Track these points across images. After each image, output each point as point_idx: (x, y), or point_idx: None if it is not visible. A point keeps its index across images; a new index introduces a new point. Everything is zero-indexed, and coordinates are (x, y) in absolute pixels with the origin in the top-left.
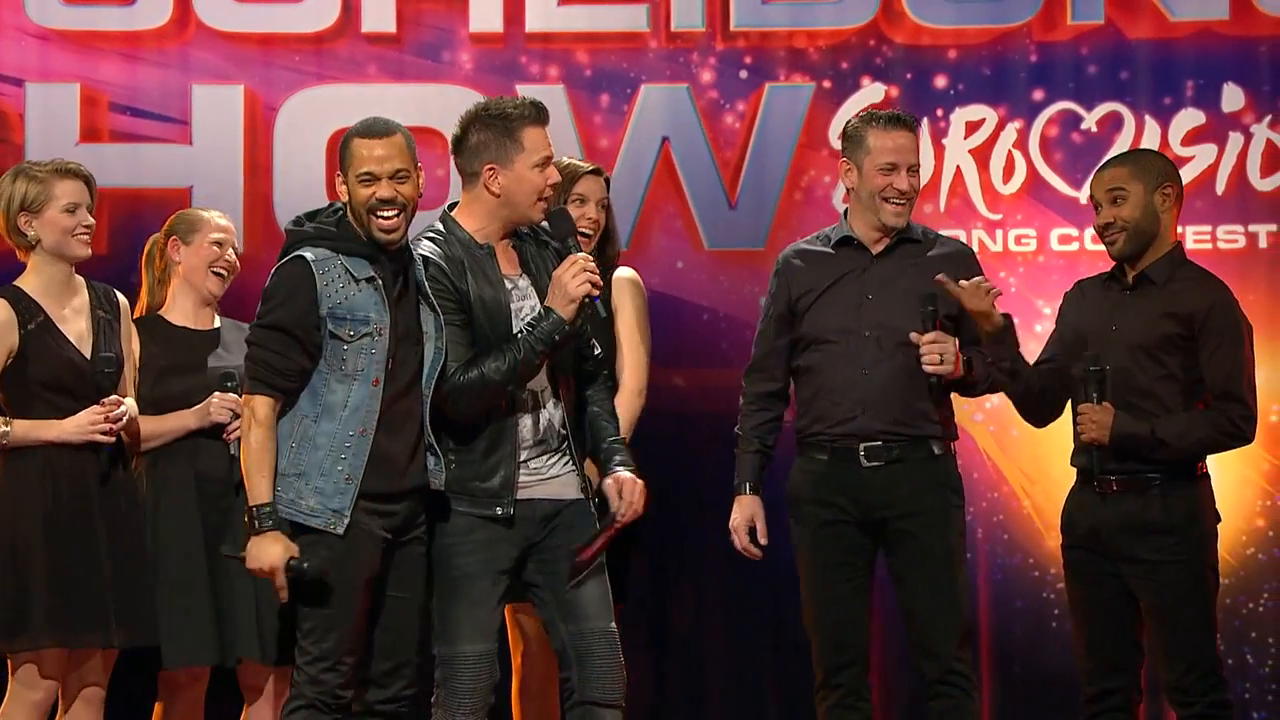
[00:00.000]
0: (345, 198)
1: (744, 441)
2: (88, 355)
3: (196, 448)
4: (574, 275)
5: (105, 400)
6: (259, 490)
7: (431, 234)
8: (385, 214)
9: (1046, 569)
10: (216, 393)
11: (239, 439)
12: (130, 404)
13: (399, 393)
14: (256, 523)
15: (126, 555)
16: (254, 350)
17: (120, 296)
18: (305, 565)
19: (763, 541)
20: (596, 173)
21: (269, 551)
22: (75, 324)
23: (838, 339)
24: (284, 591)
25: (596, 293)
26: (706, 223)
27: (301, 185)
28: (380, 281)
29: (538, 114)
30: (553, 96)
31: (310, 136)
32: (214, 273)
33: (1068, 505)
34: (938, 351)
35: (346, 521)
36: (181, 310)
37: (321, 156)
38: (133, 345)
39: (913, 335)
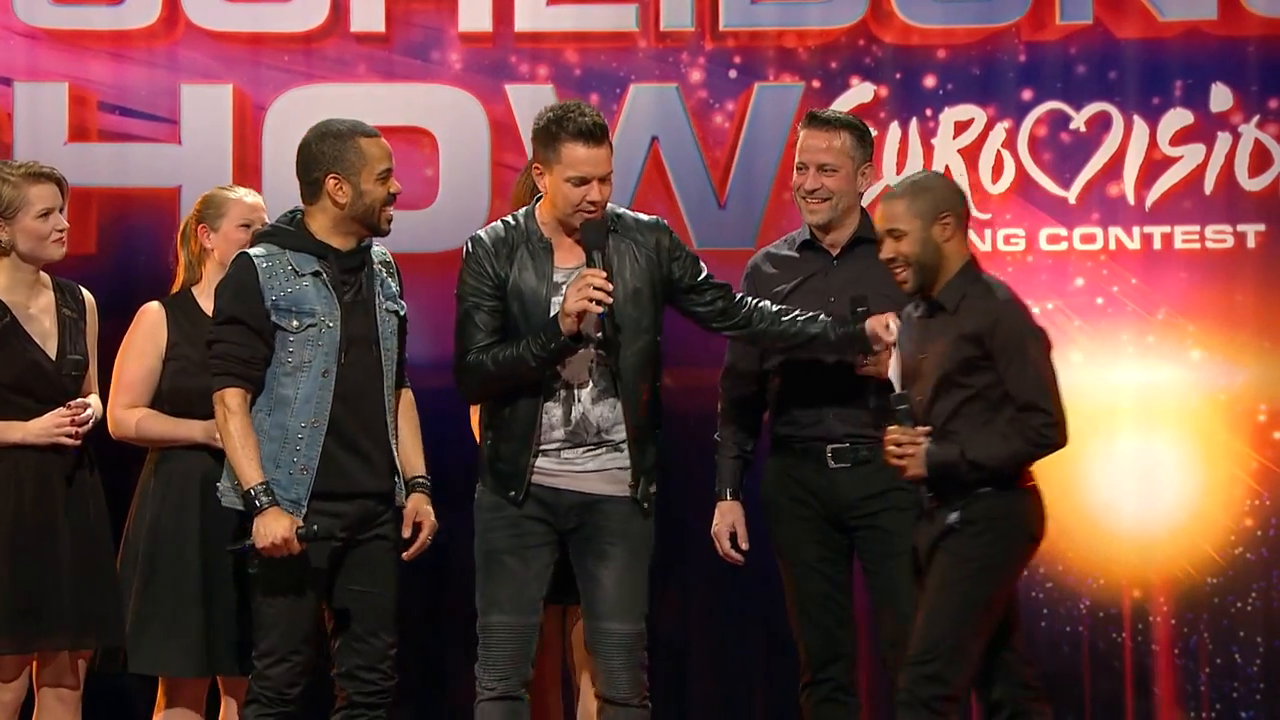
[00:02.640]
0: (345, 197)
1: (722, 447)
2: (53, 356)
3: (205, 452)
4: (578, 289)
5: (72, 403)
6: (249, 472)
7: (503, 220)
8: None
9: (1034, 568)
10: None
11: None
12: (95, 404)
13: (352, 394)
14: (256, 502)
15: (91, 558)
16: (216, 346)
17: (86, 294)
18: (315, 529)
19: (744, 547)
20: None
21: (275, 526)
22: (40, 323)
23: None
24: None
25: (598, 309)
26: (696, 222)
27: (290, 184)
28: (325, 277)
29: (584, 131)
30: (542, 96)
31: (299, 136)
32: None
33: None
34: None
35: (304, 510)
36: (211, 296)
37: None
38: (95, 345)
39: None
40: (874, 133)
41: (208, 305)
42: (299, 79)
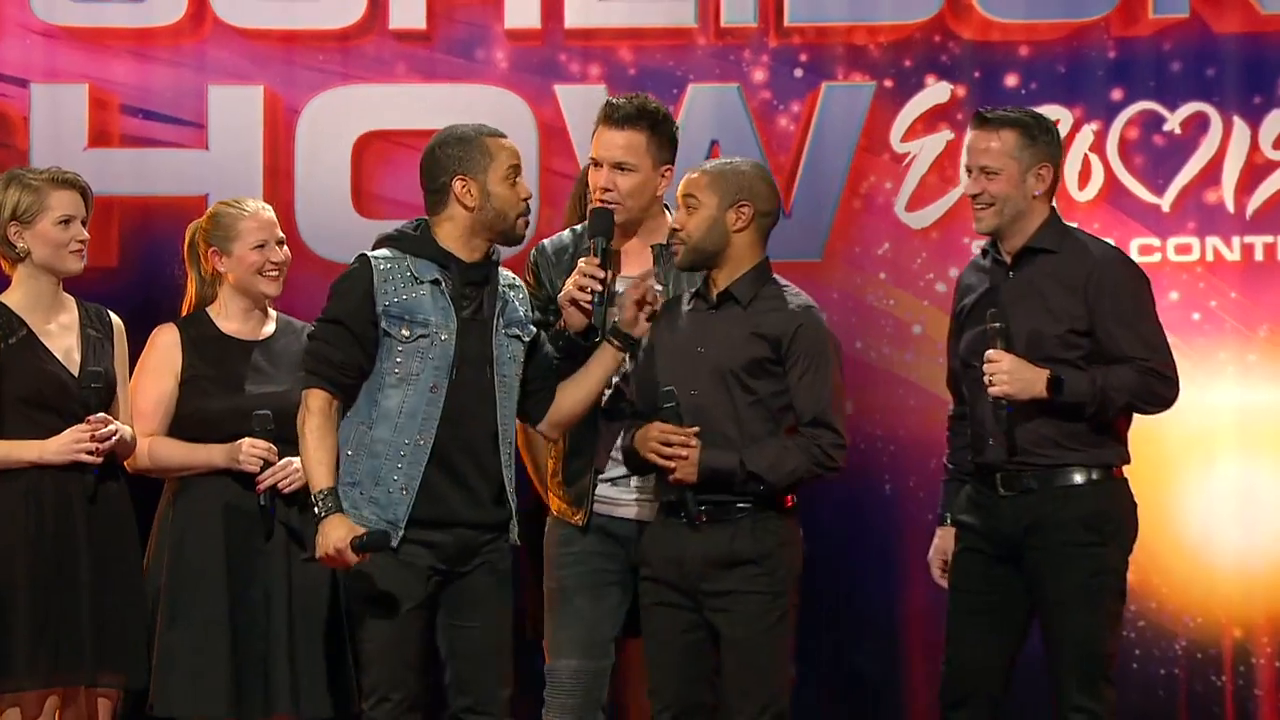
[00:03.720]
0: (473, 200)
1: (946, 470)
2: (75, 373)
3: (228, 478)
4: (571, 280)
5: (91, 418)
6: (318, 476)
7: (570, 229)
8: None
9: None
10: (248, 438)
11: (271, 489)
12: (122, 425)
13: (459, 415)
14: (318, 508)
15: (115, 586)
16: (311, 344)
17: (115, 319)
18: (370, 540)
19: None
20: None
21: (331, 534)
22: (63, 340)
23: (974, 362)
24: (351, 562)
25: (585, 298)
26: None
27: (325, 192)
28: (445, 287)
29: (608, 112)
30: (594, 97)
31: (335, 140)
32: (265, 276)
33: (647, 538)
34: (993, 372)
35: (401, 533)
36: (230, 314)
37: (347, 161)
38: (126, 370)
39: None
40: (1056, 131)
41: (227, 327)
42: (335, 79)
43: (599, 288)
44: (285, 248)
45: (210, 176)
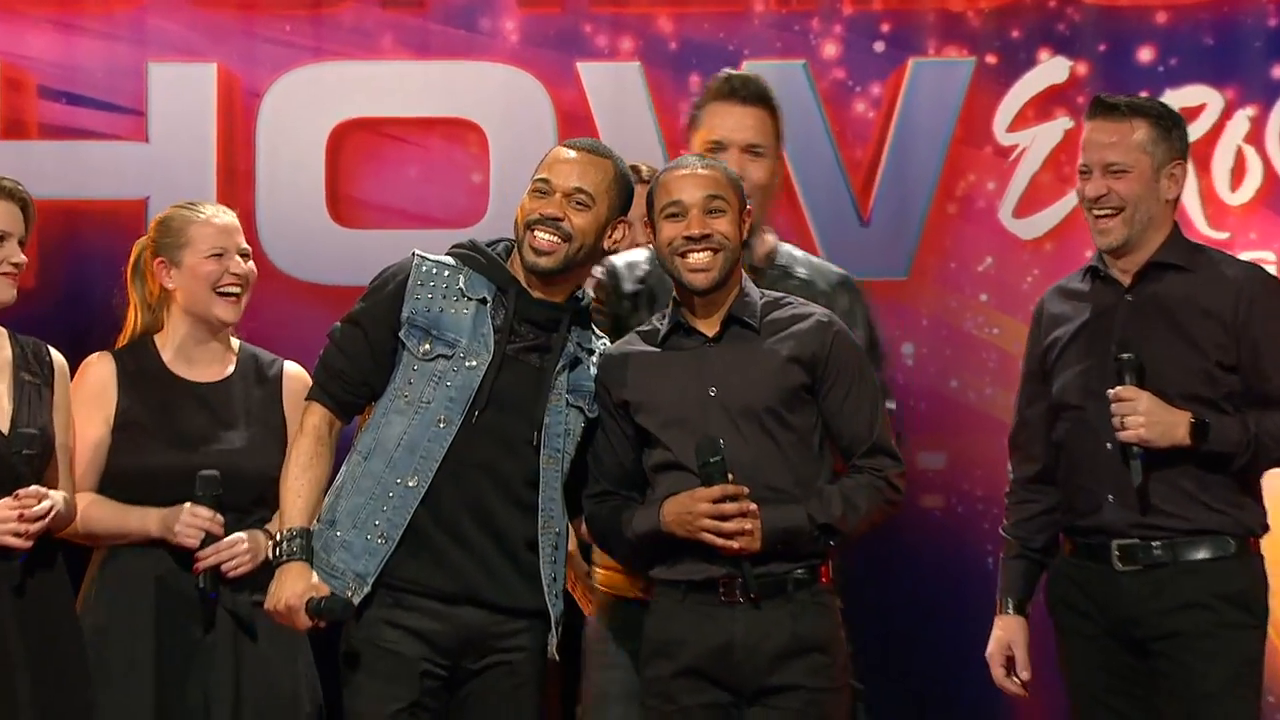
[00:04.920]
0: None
1: (1006, 545)
2: (4, 430)
3: (164, 551)
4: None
5: (21, 492)
6: (290, 511)
7: None
8: (542, 234)
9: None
10: (190, 504)
11: (213, 571)
12: (58, 496)
13: (476, 464)
14: (280, 549)
15: (55, 690)
16: (325, 348)
17: (55, 356)
18: (327, 604)
19: (1023, 676)
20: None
21: (287, 586)
22: None
23: (1081, 403)
24: (303, 626)
25: None
26: (830, 244)
27: (294, 195)
28: (493, 309)
29: (730, 88)
30: (625, 77)
31: (306, 131)
32: (221, 294)
33: (668, 622)
34: (1126, 412)
35: (366, 591)
36: (179, 349)
37: (320, 157)
38: (68, 422)
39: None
40: (1184, 123)
41: (174, 363)
42: (305, 55)
43: None
44: (250, 262)
45: (151, 176)
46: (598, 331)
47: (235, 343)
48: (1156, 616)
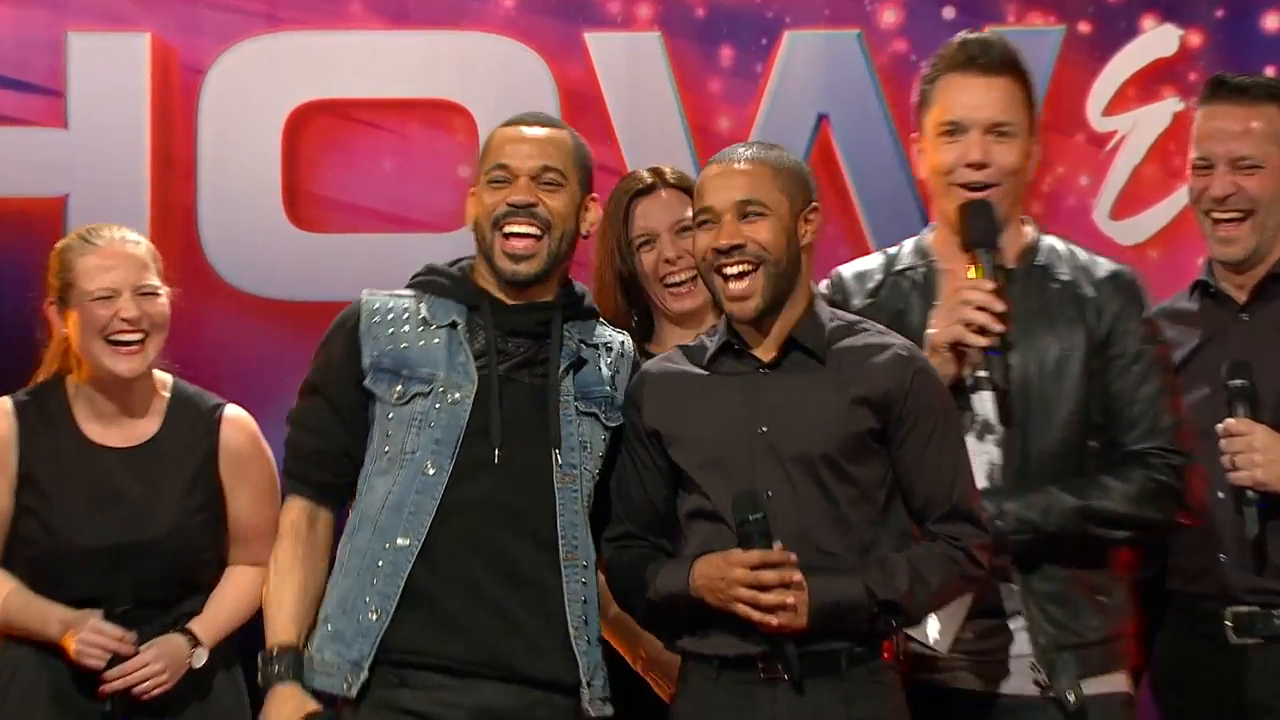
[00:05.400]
0: (469, 220)
1: None
2: None
3: (63, 662)
4: (948, 310)
5: None
6: (275, 625)
7: (884, 250)
8: (517, 227)
9: None
10: (94, 617)
11: (121, 698)
12: None
13: (482, 505)
14: (268, 671)
15: None
16: (288, 435)
17: None
18: None
19: None
20: (681, 187)
21: (274, 712)
22: None
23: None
24: None
25: (980, 341)
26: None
27: (244, 191)
28: (467, 332)
29: (968, 56)
30: (643, 48)
31: (258, 115)
32: (111, 342)
33: (693, 707)
34: (1239, 449)
35: (363, 678)
36: (90, 403)
37: (276, 146)
38: None
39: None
40: None
41: (87, 421)
42: (257, 23)
43: (999, 327)
44: (159, 300)
45: (70, 168)
46: (605, 323)
47: (166, 383)
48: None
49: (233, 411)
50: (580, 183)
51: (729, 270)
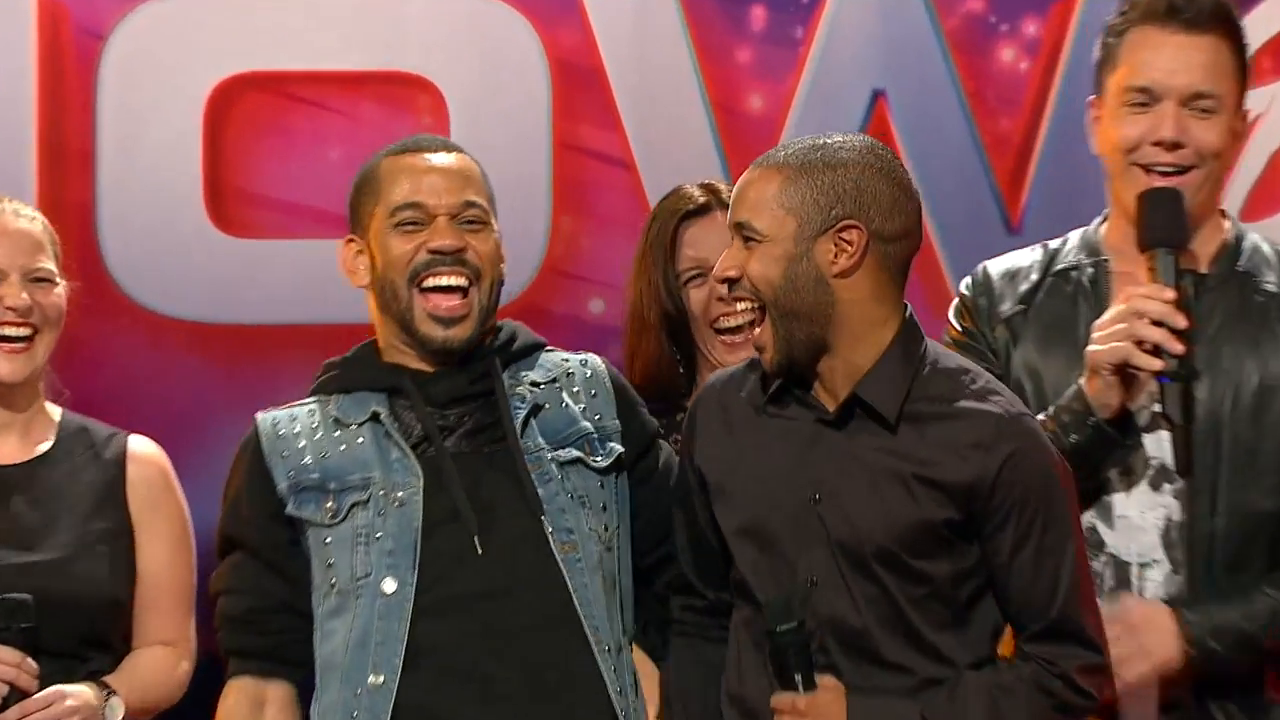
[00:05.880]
0: (364, 278)
1: None
2: None
3: None
4: (1112, 321)
5: None
6: None
7: (1042, 244)
8: (444, 279)
9: None
10: None
11: None
12: None
13: (484, 599)
14: None
15: None
16: (216, 609)
17: None
18: None
19: None
20: (713, 192)
21: None
22: None
23: None
24: None
25: (1154, 365)
26: (959, 258)
27: (155, 185)
28: (394, 421)
29: (1166, 6)
30: (653, 9)
31: (174, 91)
32: None
33: None
34: None
35: None
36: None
37: (196, 128)
38: None
39: None
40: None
41: None
42: None
43: (1178, 347)
44: (53, 291)
45: None
46: (552, 349)
47: (55, 411)
48: None
49: (142, 442)
50: (496, 216)
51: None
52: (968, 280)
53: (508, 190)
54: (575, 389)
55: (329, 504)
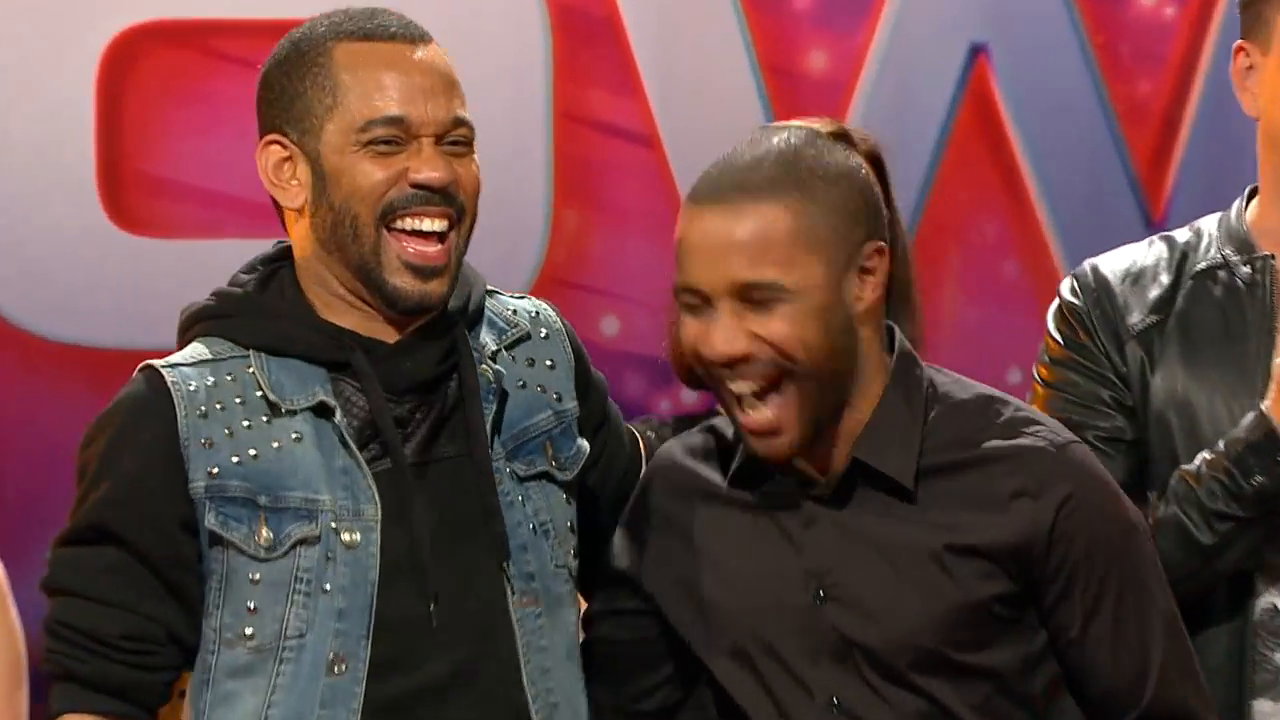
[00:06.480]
0: (296, 197)
1: None
2: None
3: None
4: None
5: None
6: None
7: (1162, 236)
8: (425, 222)
9: None
10: None
11: None
12: None
13: (442, 697)
14: None
15: None
16: (52, 604)
17: None
18: None
19: None
20: (840, 136)
21: None
22: None
23: None
24: None
25: None
26: (1087, 246)
27: (35, 169)
28: (348, 413)
29: None
30: None
31: (58, 45)
32: None
33: None
34: None
35: None
36: None
37: (88, 95)
38: None
39: None
40: None
41: None
42: None
43: None
44: None
45: None
46: (499, 293)
47: None
48: None
49: None
50: None
51: (741, 389)
52: (1071, 283)
53: (495, 174)
54: (530, 357)
55: (263, 531)
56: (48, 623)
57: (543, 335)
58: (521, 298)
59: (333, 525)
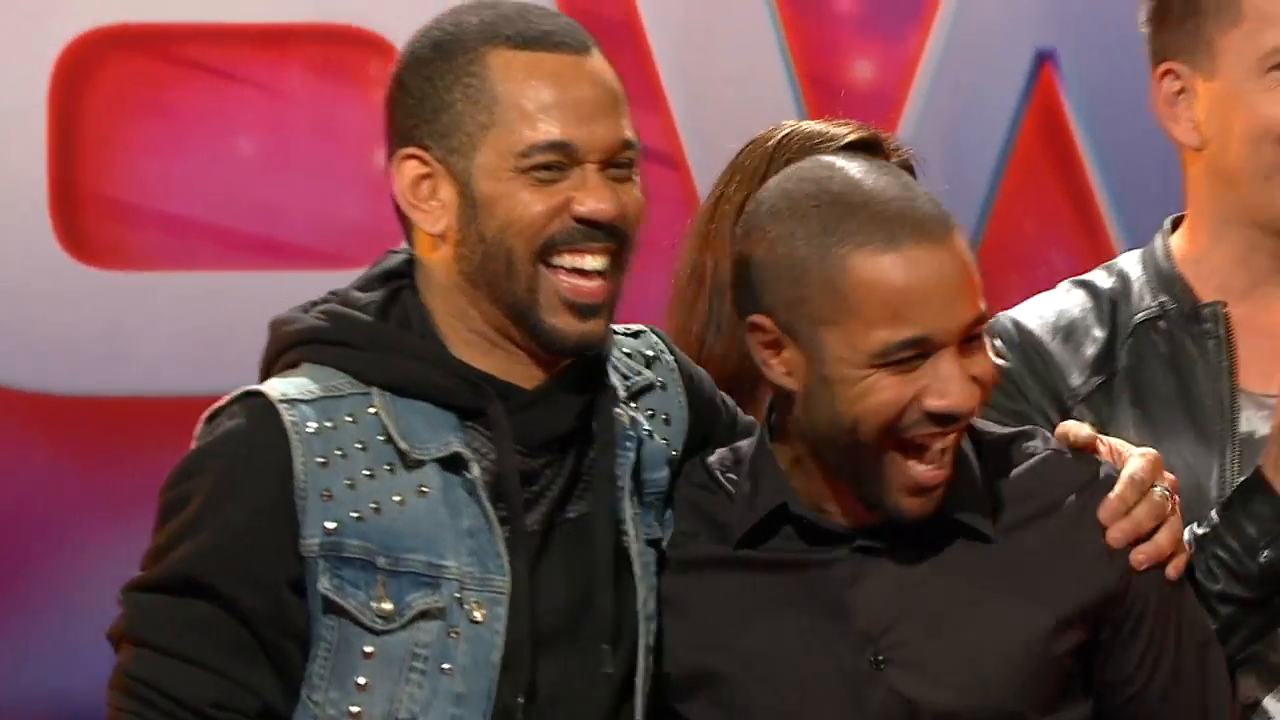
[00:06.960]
0: (438, 222)
1: None
2: None
3: None
4: None
5: None
6: None
7: (1104, 268)
8: (589, 261)
9: None
10: None
11: None
12: None
13: None
14: None
15: None
16: (127, 656)
17: None
18: None
19: None
20: (869, 146)
21: None
22: None
23: None
24: None
25: None
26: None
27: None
28: (478, 473)
29: None
30: None
31: (9, 51)
32: None
33: None
34: None
35: None
36: None
37: (39, 108)
38: None
39: None
40: None
41: None
42: None
43: None
44: None
45: None
46: (621, 341)
47: None
48: None
49: None
50: None
51: (940, 452)
52: (994, 343)
53: None
54: (650, 408)
55: (384, 601)
56: (120, 677)
57: (660, 384)
58: (632, 333)
59: (457, 596)
